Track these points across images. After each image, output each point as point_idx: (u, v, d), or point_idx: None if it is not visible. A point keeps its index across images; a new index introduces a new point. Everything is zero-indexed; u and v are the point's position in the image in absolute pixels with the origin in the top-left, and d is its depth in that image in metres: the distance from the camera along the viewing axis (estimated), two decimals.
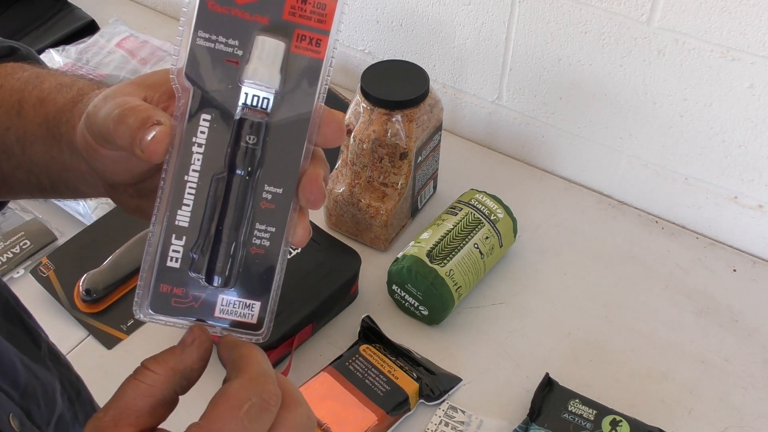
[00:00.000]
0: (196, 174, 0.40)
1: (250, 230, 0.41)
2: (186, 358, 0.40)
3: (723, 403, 0.82)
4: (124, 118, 0.39)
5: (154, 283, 0.41)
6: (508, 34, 1.00)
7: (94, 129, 0.41)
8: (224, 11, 0.39)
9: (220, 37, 0.39)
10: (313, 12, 0.39)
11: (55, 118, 0.48)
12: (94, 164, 0.44)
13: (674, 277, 0.94)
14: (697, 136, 0.93)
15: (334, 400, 0.78)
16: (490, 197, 0.92)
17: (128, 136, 0.39)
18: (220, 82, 0.39)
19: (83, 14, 1.26)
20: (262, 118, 0.40)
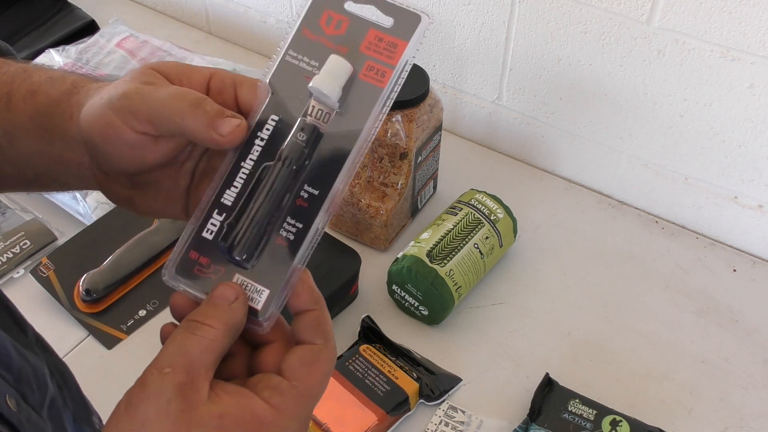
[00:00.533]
0: (252, 162, 0.45)
1: (282, 221, 0.45)
2: (236, 314, 0.42)
3: (723, 403, 0.82)
4: (201, 105, 0.43)
5: (186, 249, 0.45)
6: (508, 34, 1.00)
7: (142, 108, 0.44)
8: (314, 38, 0.47)
9: (305, 57, 0.47)
10: (386, 49, 0.46)
11: (48, 109, 0.48)
12: (105, 149, 0.46)
13: (674, 277, 0.94)
14: (697, 136, 0.93)
15: (334, 400, 0.78)
16: (490, 197, 0.92)
17: (204, 120, 0.43)
18: (295, 92, 0.46)
19: (83, 14, 1.26)
20: (319, 126, 0.45)
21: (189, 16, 1.35)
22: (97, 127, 0.45)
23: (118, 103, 0.44)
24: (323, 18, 0.47)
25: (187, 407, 0.39)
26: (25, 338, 0.57)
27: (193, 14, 1.34)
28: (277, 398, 0.41)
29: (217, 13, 1.31)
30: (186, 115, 0.43)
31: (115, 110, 0.44)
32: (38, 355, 0.56)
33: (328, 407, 0.77)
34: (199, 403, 0.39)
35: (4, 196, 1.00)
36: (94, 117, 0.45)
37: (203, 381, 0.40)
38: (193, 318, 0.42)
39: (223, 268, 0.45)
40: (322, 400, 0.80)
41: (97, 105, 0.45)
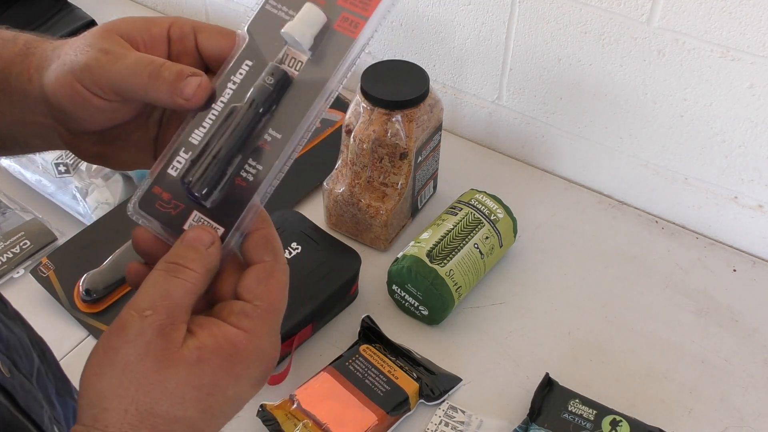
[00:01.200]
0: (222, 104, 0.46)
1: (243, 162, 0.45)
2: (213, 258, 0.44)
3: (723, 403, 0.82)
4: (158, 73, 0.44)
5: (150, 184, 0.46)
6: (508, 34, 1.00)
7: (105, 81, 0.44)
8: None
9: (284, 7, 0.47)
10: (361, 2, 0.46)
11: (3, 72, 0.48)
12: (75, 114, 0.46)
13: (674, 277, 0.94)
14: (697, 136, 0.93)
15: (334, 400, 0.78)
16: (490, 197, 0.92)
17: (166, 88, 0.44)
18: (271, 39, 0.47)
19: (83, 14, 1.26)
20: (288, 72, 0.46)
21: (189, 16, 1.35)
22: (65, 93, 0.45)
23: (80, 74, 0.45)
24: None
25: (167, 346, 0.40)
26: (6, 310, 0.57)
27: (193, 14, 1.34)
28: (245, 321, 0.42)
29: (217, 13, 1.31)
30: (147, 87, 0.44)
31: (80, 80, 0.45)
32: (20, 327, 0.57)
33: (328, 407, 0.77)
34: (179, 341, 0.41)
35: (3, 196, 1.00)
36: (60, 84, 0.45)
37: (182, 322, 0.41)
38: (173, 260, 0.43)
39: (182, 204, 0.46)
40: (322, 400, 0.80)
41: (60, 72, 0.45)
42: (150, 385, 0.40)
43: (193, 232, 0.44)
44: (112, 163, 0.51)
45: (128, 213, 0.46)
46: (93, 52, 0.45)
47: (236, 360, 0.41)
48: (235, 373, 0.41)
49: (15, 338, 0.53)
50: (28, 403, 0.51)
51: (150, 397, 0.39)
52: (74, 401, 0.60)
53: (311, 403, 0.78)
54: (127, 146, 0.50)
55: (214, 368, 0.41)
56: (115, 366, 0.40)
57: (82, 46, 0.45)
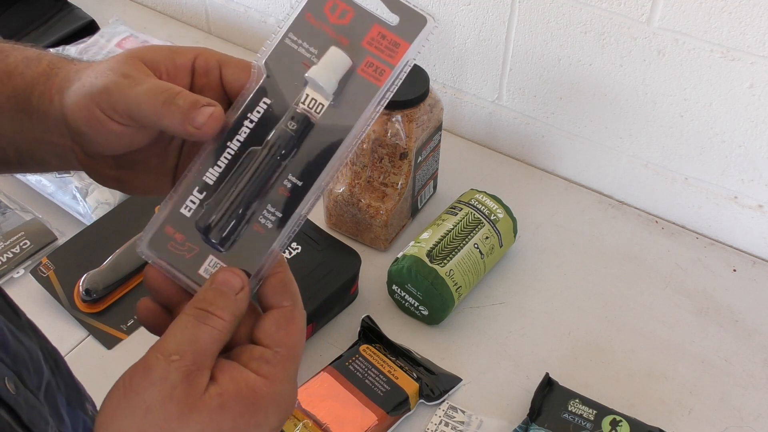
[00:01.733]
0: (238, 143, 0.45)
1: (261, 207, 0.44)
2: (242, 305, 0.43)
3: (723, 403, 0.82)
4: (173, 100, 0.43)
5: (161, 223, 0.45)
6: (508, 34, 1.00)
7: (121, 105, 0.44)
8: (316, 24, 0.46)
9: (305, 43, 0.46)
10: (388, 47, 0.46)
11: (26, 91, 0.48)
12: (92, 137, 0.46)
13: (674, 277, 0.94)
14: (697, 136, 0.93)
15: (334, 400, 0.78)
16: (490, 197, 0.92)
17: (179, 116, 0.43)
18: (291, 78, 0.45)
19: (83, 14, 1.26)
20: (311, 116, 0.45)
21: (189, 16, 1.35)
22: (83, 116, 0.45)
23: (98, 97, 0.44)
24: (328, 5, 0.46)
25: (191, 392, 0.40)
26: (19, 321, 0.57)
27: (193, 14, 1.34)
28: (266, 368, 0.42)
29: (217, 13, 1.31)
30: (161, 113, 0.43)
31: (97, 103, 0.45)
32: (32, 339, 0.57)
33: (328, 407, 0.77)
34: (203, 387, 0.40)
35: (3, 196, 1.00)
36: (78, 107, 0.45)
37: (207, 368, 0.41)
38: (202, 307, 0.42)
39: (197, 247, 0.45)
40: (322, 400, 0.80)
41: (80, 94, 0.45)
42: (171, 430, 0.39)
43: (223, 276, 0.43)
44: (129, 189, 0.51)
45: (137, 251, 0.45)
46: (113, 75, 0.45)
47: (258, 407, 0.41)
48: (256, 420, 0.41)
49: (25, 351, 0.53)
50: (33, 420, 0.50)
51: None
52: (85, 413, 0.60)
53: (311, 403, 0.78)
54: (144, 172, 0.50)
55: (235, 415, 0.40)
56: (136, 408, 0.39)
57: (104, 70, 0.45)
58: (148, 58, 0.46)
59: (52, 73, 0.48)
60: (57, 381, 0.58)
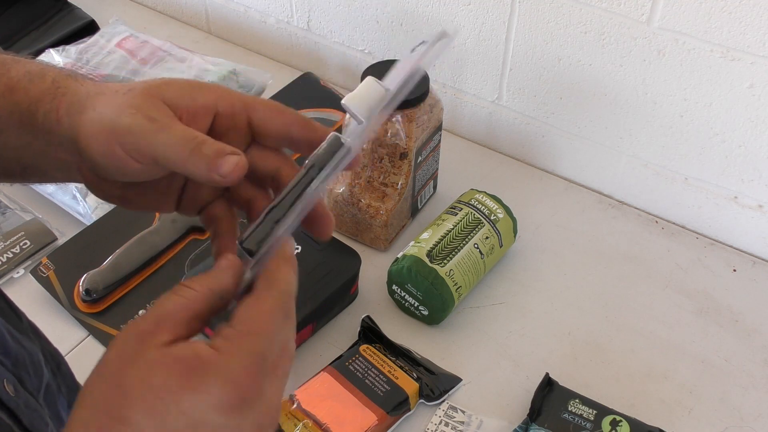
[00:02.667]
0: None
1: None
2: (222, 280, 0.43)
3: (723, 403, 0.82)
4: (200, 149, 0.44)
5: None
6: (508, 34, 1.00)
7: (145, 149, 0.45)
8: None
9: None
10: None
11: (29, 108, 0.48)
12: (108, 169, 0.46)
13: (674, 277, 0.94)
14: (697, 136, 0.93)
15: (334, 400, 0.78)
16: (490, 197, 0.92)
17: (205, 165, 0.44)
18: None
19: (83, 14, 1.26)
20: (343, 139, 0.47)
21: (189, 16, 1.35)
22: (102, 151, 0.46)
23: (122, 137, 0.45)
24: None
25: (138, 347, 0.39)
26: (20, 324, 0.57)
27: (193, 14, 1.34)
28: (219, 341, 0.41)
29: (217, 13, 1.31)
30: (187, 162, 0.45)
31: (120, 143, 0.45)
32: (33, 341, 0.57)
33: (328, 407, 0.77)
34: (152, 345, 0.40)
35: (3, 196, 1.00)
36: (97, 142, 0.46)
37: (166, 332, 0.40)
38: (182, 281, 0.43)
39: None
40: (322, 400, 0.80)
41: (99, 129, 0.46)
42: (109, 382, 0.39)
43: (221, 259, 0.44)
44: (132, 206, 0.51)
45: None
46: (138, 118, 0.45)
47: (195, 372, 0.39)
48: (190, 384, 0.38)
49: (25, 354, 0.53)
50: (33, 422, 0.50)
51: (106, 394, 0.39)
52: None
53: (311, 403, 0.78)
54: (150, 191, 0.50)
55: (169, 372, 0.39)
56: (98, 367, 0.40)
57: (125, 107, 0.45)
58: (168, 98, 0.47)
59: (58, 92, 0.48)
60: (58, 383, 0.58)
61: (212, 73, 1.11)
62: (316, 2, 1.17)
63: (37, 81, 0.49)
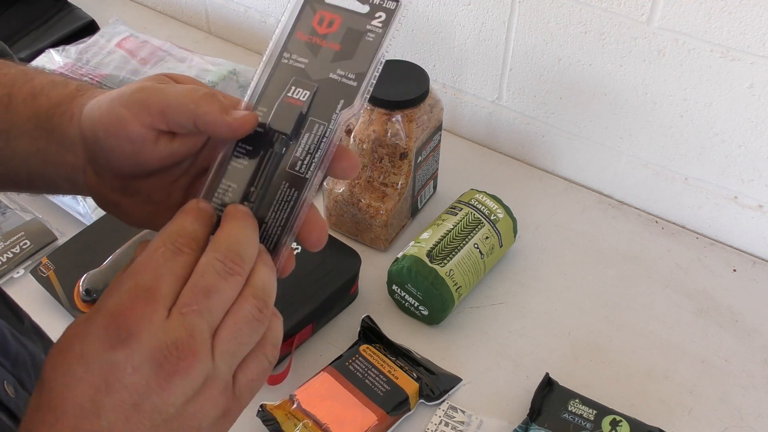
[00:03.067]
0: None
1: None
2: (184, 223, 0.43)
3: (723, 403, 0.82)
4: (215, 95, 0.45)
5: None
6: (508, 34, 1.00)
7: (155, 102, 0.45)
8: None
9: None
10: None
11: (48, 111, 0.49)
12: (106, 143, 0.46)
13: (674, 277, 0.94)
14: (697, 136, 0.93)
15: (334, 400, 0.78)
16: (490, 197, 0.92)
17: (218, 107, 0.44)
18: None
19: (83, 14, 1.26)
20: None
21: (189, 16, 1.35)
22: (103, 120, 0.45)
23: (130, 96, 0.45)
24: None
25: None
26: (22, 325, 0.57)
27: (193, 14, 1.34)
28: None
29: (217, 13, 1.31)
30: (200, 103, 0.44)
31: (125, 104, 0.45)
32: (35, 342, 0.57)
33: (328, 407, 0.77)
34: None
35: (3, 196, 1.00)
36: (99, 110, 0.46)
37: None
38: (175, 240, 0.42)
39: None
40: (322, 400, 0.80)
41: (104, 100, 0.46)
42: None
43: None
44: (126, 217, 0.51)
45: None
46: (149, 81, 0.46)
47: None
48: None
49: (27, 355, 0.53)
50: None
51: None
52: None
53: (311, 403, 0.78)
54: (147, 203, 0.50)
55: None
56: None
57: (137, 82, 0.47)
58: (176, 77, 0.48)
59: (78, 94, 0.49)
60: None
61: (212, 73, 1.11)
62: None
63: (60, 87, 0.50)
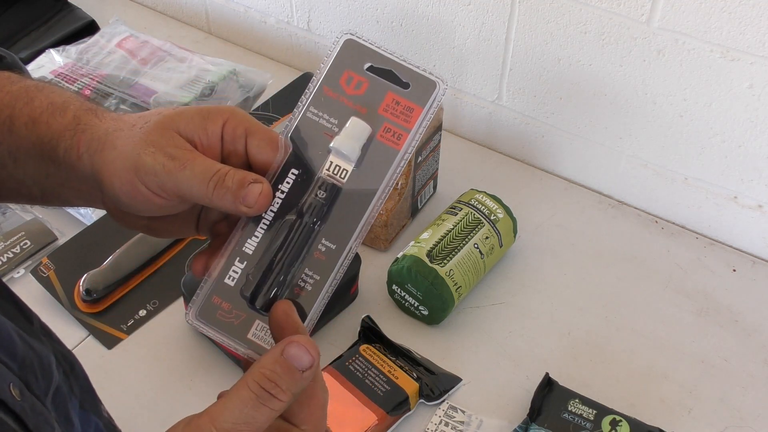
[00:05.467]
0: (272, 214, 0.48)
1: (299, 272, 0.48)
2: (305, 383, 0.44)
3: (723, 403, 0.82)
4: (224, 182, 0.45)
5: (208, 294, 0.48)
6: (508, 34, 1.00)
7: (170, 187, 0.46)
8: (334, 96, 0.49)
9: (325, 115, 0.49)
10: (402, 112, 0.49)
11: (51, 142, 0.49)
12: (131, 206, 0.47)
13: (674, 277, 0.94)
14: (697, 136, 0.94)
15: (334, 400, 0.78)
16: (490, 197, 0.92)
17: (230, 197, 0.45)
18: (315, 148, 0.49)
19: (83, 14, 1.26)
20: (337, 182, 0.48)
21: (189, 16, 1.35)
22: (126, 190, 0.46)
23: (145, 177, 0.46)
24: (343, 77, 0.50)
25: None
26: (30, 327, 0.57)
27: (193, 14, 1.34)
28: None
29: (217, 13, 1.31)
30: (212, 197, 0.45)
31: (144, 182, 0.46)
32: (44, 343, 0.56)
33: (328, 407, 0.77)
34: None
35: None
36: (120, 181, 0.46)
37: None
38: (266, 387, 0.42)
39: (244, 314, 0.48)
40: None
41: (121, 168, 0.46)
42: None
43: (294, 350, 0.43)
44: (157, 234, 0.52)
45: (187, 321, 0.48)
46: (159, 157, 0.46)
47: None
48: None
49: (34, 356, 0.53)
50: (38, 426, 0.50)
51: None
52: (99, 416, 0.60)
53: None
54: (172, 221, 0.51)
55: None
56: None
57: (144, 145, 0.46)
58: (182, 129, 0.47)
59: (78, 129, 0.49)
60: (71, 384, 0.58)
61: (212, 73, 1.11)
62: (316, 2, 1.17)
63: (58, 115, 0.50)
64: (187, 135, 0.47)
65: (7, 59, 0.57)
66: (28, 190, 0.52)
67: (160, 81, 1.10)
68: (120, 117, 0.50)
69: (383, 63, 0.50)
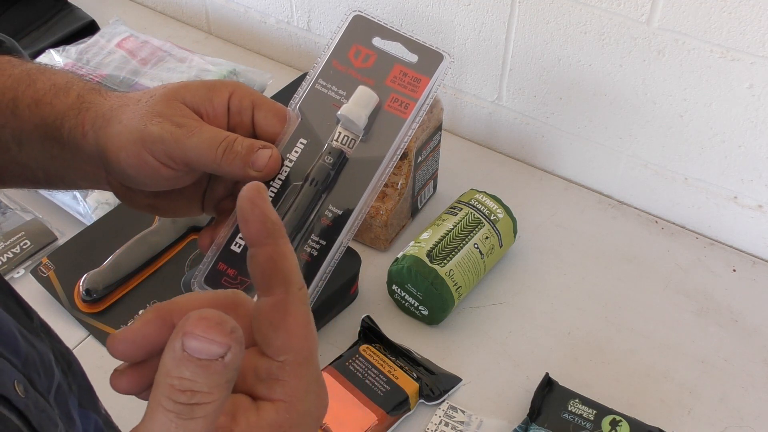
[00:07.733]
0: (280, 182, 0.49)
1: (306, 237, 0.48)
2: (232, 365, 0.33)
3: (723, 403, 0.82)
4: (233, 148, 0.45)
5: (214, 261, 0.48)
6: (508, 34, 1.00)
7: (178, 154, 0.46)
8: (342, 69, 0.50)
9: (333, 86, 0.50)
10: (410, 83, 0.50)
11: (55, 122, 0.49)
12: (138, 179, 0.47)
13: (674, 277, 0.94)
14: (697, 136, 0.94)
15: (334, 400, 0.78)
16: (490, 197, 0.92)
17: (240, 162, 0.45)
18: (323, 118, 0.50)
19: (83, 14, 1.26)
20: (345, 151, 0.49)
21: (189, 16, 1.35)
22: (132, 162, 0.46)
23: (153, 145, 0.45)
24: (352, 51, 0.51)
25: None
26: (31, 324, 0.57)
27: (193, 14, 1.34)
28: (278, 390, 0.34)
29: (217, 13, 1.31)
30: (221, 162, 0.45)
31: (151, 152, 0.45)
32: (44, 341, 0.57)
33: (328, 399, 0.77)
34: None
35: (3, 196, 1.00)
36: (127, 153, 0.46)
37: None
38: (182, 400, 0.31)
39: (248, 279, 0.47)
40: None
41: (128, 140, 0.46)
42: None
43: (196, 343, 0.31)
44: (162, 213, 0.52)
45: (192, 288, 0.48)
46: (166, 125, 0.45)
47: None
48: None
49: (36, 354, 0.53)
50: (42, 423, 0.50)
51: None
52: (98, 413, 0.60)
53: None
54: (178, 198, 0.51)
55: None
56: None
57: (151, 116, 0.46)
58: (188, 101, 0.47)
59: (83, 107, 0.49)
60: (69, 382, 0.58)
61: (212, 73, 1.11)
62: (316, 2, 1.17)
63: (62, 95, 0.49)
64: (193, 106, 0.47)
65: (6, 44, 0.56)
66: (33, 173, 0.52)
67: (160, 81, 1.10)
68: (124, 94, 0.50)
69: (391, 37, 0.50)
